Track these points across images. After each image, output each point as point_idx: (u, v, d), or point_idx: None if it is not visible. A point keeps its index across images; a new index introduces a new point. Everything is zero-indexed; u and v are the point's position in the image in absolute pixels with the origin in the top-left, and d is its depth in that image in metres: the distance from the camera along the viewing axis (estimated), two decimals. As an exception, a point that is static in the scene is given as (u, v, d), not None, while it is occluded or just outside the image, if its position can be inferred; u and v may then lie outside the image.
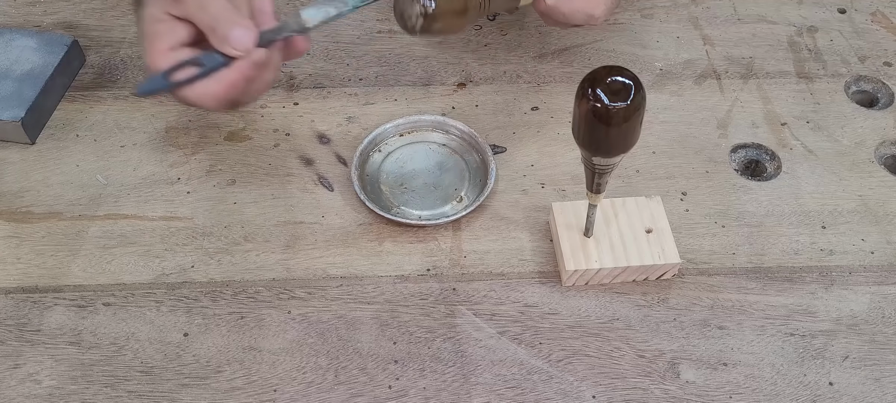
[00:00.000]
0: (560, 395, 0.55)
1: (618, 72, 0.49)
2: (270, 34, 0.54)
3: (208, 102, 0.54)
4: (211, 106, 0.54)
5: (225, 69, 0.53)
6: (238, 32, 0.52)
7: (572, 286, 0.60)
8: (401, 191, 0.66)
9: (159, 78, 0.53)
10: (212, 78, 0.53)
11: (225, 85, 0.53)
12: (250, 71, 0.53)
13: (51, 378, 0.56)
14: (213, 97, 0.53)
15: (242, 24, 0.53)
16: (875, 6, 0.82)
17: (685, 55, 0.77)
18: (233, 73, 0.53)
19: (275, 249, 0.63)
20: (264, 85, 0.56)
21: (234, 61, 0.53)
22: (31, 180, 0.67)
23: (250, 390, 0.55)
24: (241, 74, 0.53)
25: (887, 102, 0.73)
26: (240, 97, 0.55)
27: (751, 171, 0.69)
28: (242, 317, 0.59)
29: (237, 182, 0.67)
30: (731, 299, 0.60)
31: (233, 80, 0.53)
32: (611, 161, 0.53)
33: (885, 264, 0.62)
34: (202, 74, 0.53)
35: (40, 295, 0.60)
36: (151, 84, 0.53)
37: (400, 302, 0.60)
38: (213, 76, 0.53)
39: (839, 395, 0.55)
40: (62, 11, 0.81)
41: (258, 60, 0.53)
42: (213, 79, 0.53)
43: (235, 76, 0.53)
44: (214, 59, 0.53)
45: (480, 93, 0.74)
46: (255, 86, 0.55)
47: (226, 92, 0.53)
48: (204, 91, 0.53)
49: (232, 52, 0.52)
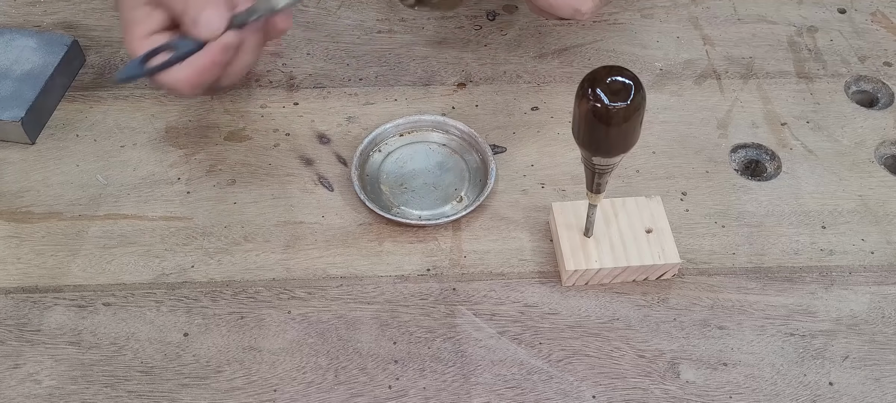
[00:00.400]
0: (560, 395, 0.55)
1: (618, 73, 0.49)
2: (242, 16, 0.54)
3: (182, 87, 0.53)
4: (185, 91, 0.54)
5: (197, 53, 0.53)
6: (207, 14, 0.52)
7: (572, 286, 0.60)
8: (401, 191, 0.66)
9: (136, 64, 0.53)
10: (184, 63, 0.53)
11: (196, 69, 0.53)
12: (221, 55, 0.53)
13: (51, 378, 0.56)
14: (185, 82, 0.53)
15: (213, 6, 0.52)
16: (875, 6, 0.82)
17: (685, 55, 0.77)
18: (204, 58, 0.53)
19: (275, 249, 0.63)
20: (241, 68, 0.55)
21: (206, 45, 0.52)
22: (31, 180, 0.67)
23: (250, 390, 0.55)
24: (211, 58, 0.53)
25: (887, 102, 0.73)
26: (214, 81, 0.54)
27: (751, 171, 0.69)
28: (242, 317, 0.59)
29: (237, 182, 0.67)
30: (731, 299, 0.60)
31: (204, 65, 0.53)
32: (611, 161, 0.53)
33: (885, 264, 0.62)
34: (175, 59, 0.52)
35: (40, 295, 0.60)
36: (128, 70, 0.53)
37: (400, 302, 0.60)
38: (187, 61, 0.53)
39: (839, 395, 0.55)
40: (62, 11, 0.81)
41: (229, 43, 0.53)
42: (185, 64, 0.53)
43: (206, 60, 0.53)
44: (187, 43, 0.52)
45: (480, 93, 0.74)
46: (232, 70, 0.55)
47: (198, 76, 0.53)
48: (177, 76, 0.53)
49: (202, 35, 0.52)
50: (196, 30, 0.52)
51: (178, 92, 0.55)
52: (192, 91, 0.54)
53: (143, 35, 0.54)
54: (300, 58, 0.77)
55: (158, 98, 0.73)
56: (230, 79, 0.56)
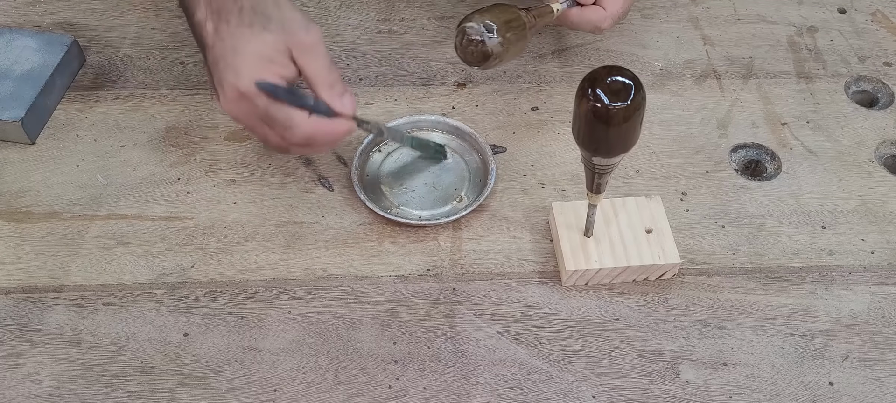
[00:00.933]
0: (560, 395, 0.55)
1: (618, 72, 0.49)
2: (361, 120, 0.59)
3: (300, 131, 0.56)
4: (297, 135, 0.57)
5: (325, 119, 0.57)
6: (350, 98, 0.58)
7: (572, 286, 0.60)
8: (401, 191, 0.66)
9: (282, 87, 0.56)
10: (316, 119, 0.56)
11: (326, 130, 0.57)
12: (346, 132, 0.58)
13: (51, 378, 0.56)
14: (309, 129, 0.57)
15: (351, 93, 0.58)
16: (875, 6, 0.82)
17: (685, 55, 0.77)
18: (337, 127, 0.57)
19: (275, 249, 0.63)
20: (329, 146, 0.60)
21: (337, 118, 0.57)
22: (31, 180, 0.67)
23: (250, 390, 0.55)
24: (343, 129, 0.57)
25: (887, 102, 0.73)
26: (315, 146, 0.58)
27: (751, 171, 0.69)
28: (242, 317, 0.59)
29: (237, 182, 0.67)
30: (731, 299, 0.60)
31: (332, 130, 0.57)
32: (611, 161, 0.53)
33: (885, 264, 0.62)
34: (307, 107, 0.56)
35: (40, 295, 0.60)
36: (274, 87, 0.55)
37: (400, 302, 0.60)
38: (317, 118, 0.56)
39: (839, 395, 0.55)
40: (62, 11, 0.81)
41: (352, 128, 0.58)
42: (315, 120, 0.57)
43: (339, 129, 0.57)
44: (322, 105, 0.57)
45: (480, 93, 0.74)
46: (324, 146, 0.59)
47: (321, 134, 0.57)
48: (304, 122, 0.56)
49: (342, 110, 0.57)
50: (339, 104, 0.57)
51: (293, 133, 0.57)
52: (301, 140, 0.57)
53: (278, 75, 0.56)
54: (300, 58, 0.77)
55: (158, 98, 0.73)
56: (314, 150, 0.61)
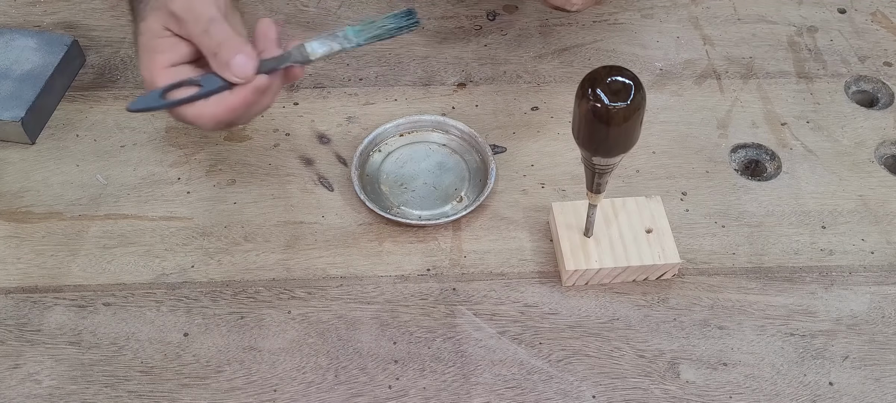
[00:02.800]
0: (560, 395, 0.55)
1: (618, 72, 0.49)
2: (272, 62, 0.55)
3: (205, 123, 0.54)
4: (208, 126, 0.55)
5: (226, 92, 0.53)
6: (240, 60, 0.52)
7: (572, 286, 0.60)
8: (401, 191, 0.66)
9: (155, 95, 0.53)
10: (211, 100, 0.53)
11: (224, 108, 0.53)
12: (251, 96, 0.53)
13: (51, 378, 0.56)
14: (211, 118, 0.54)
15: (245, 51, 0.53)
16: (875, 6, 0.82)
17: (685, 55, 0.77)
18: (233, 98, 0.53)
19: (275, 249, 0.63)
20: (261, 108, 0.56)
21: (236, 87, 0.53)
22: (31, 180, 0.67)
23: (250, 390, 0.55)
24: (241, 99, 0.53)
25: (887, 102, 0.73)
26: (237, 119, 0.55)
27: (751, 171, 0.69)
28: (242, 317, 0.59)
29: (237, 182, 0.67)
30: (731, 299, 0.60)
31: (233, 105, 0.53)
32: (611, 161, 0.53)
33: (885, 264, 0.62)
34: (201, 95, 0.53)
35: (40, 295, 0.60)
36: (146, 101, 0.53)
37: (400, 302, 0.60)
38: (213, 98, 0.53)
39: (839, 395, 0.55)
40: (62, 11, 0.81)
41: (259, 86, 0.53)
42: (212, 101, 0.53)
43: (236, 100, 0.53)
44: (214, 81, 0.53)
45: (480, 93, 0.74)
46: (253, 110, 0.55)
47: (225, 115, 0.54)
48: (201, 112, 0.53)
49: (233, 79, 0.53)
50: (228, 72, 0.53)
51: (200, 126, 0.55)
52: (214, 127, 0.55)
53: (165, 65, 0.53)
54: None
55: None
56: (248, 118, 0.57)
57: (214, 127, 0.55)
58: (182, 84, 0.53)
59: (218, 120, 0.54)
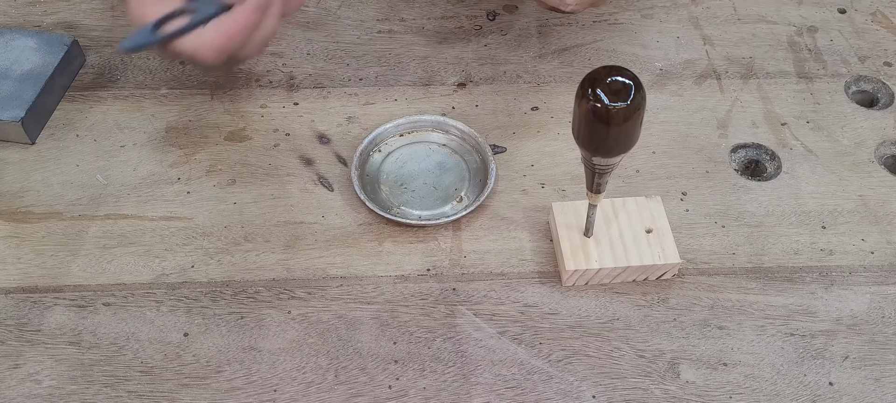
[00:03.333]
0: (560, 395, 0.55)
1: (618, 72, 0.49)
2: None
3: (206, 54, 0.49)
4: (209, 58, 0.49)
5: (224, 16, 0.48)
6: None
7: (572, 286, 0.60)
8: (401, 191, 0.66)
9: (147, 30, 0.48)
10: (208, 27, 0.48)
11: (225, 32, 0.49)
12: (253, 16, 0.48)
13: (51, 378, 0.56)
14: (211, 47, 0.49)
15: None
16: (875, 6, 0.82)
17: (685, 55, 0.77)
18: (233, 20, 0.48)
19: (275, 249, 0.63)
20: (264, 36, 0.51)
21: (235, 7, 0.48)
22: (31, 180, 0.67)
23: (250, 390, 0.55)
24: (242, 20, 0.48)
25: (887, 102, 0.73)
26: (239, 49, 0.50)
27: (751, 171, 0.69)
28: (242, 317, 0.59)
29: (237, 182, 0.67)
30: (731, 299, 0.60)
31: (233, 29, 0.49)
32: (611, 161, 0.53)
33: (885, 264, 0.62)
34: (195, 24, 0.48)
35: (40, 295, 0.60)
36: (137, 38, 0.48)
37: (400, 302, 0.60)
38: (210, 25, 0.48)
39: (839, 395, 0.55)
40: (62, 11, 0.81)
41: (260, 3, 0.49)
42: (210, 28, 0.48)
43: (236, 23, 0.48)
44: (208, 6, 0.48)
45: (480, 93, 0.74)
46: (256, 37, 0.51)
47: (226, 40, 0.49)
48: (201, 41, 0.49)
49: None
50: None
51: (201, 59, 0.49)
52: (217, 57, 0.49)
53: None
54: (300, 58, 0.77)
55: (158, 98, 0.73)
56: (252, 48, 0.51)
57: (216, 58, 0.50)
58: (174, 14, 0.49)
59: (219, 48, 0.49)
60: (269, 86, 0.74)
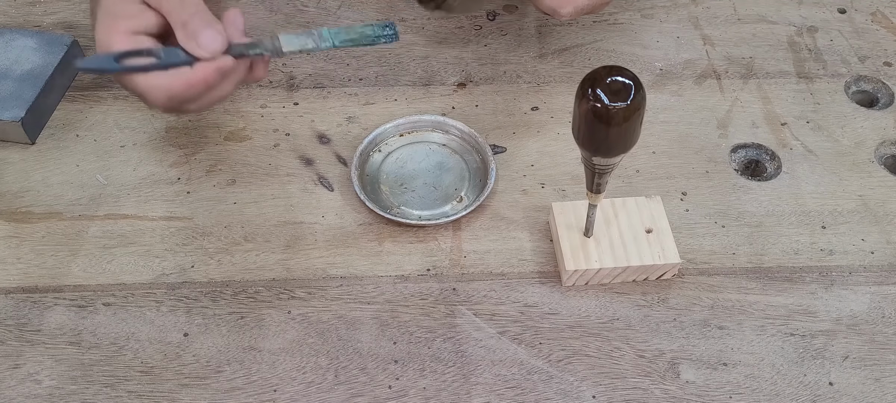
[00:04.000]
0: (560, 395, 0.55)
1: (618, 72, 0.49)
2: (242, 48, 0.53)
3: (157, 96, 0.51)
4: (158, 100, 0.52)
5: (186, 68, 0.51)
6: (210, 34, 0.51)
7: (572, 286, 0.60)
8: (401, 191, 0.66)
9: (109, 58, 0.50)
10: (169, 73, 0.51)
11: (181, 83, 0.51)
12: (213, 76, 0.51)
13: (51, 378, 0.56)
14: (164, 91, 0.51)
15: (216, 27, 0.51)
16: (875, 6, 0.82)
17: (685, 55, 0.77)
18: (193, 74, 0.51)
19: (275, 249, 0.63)
20: (217, 97, 0.54)
21: (198, 63, 0.51)
22: (31, 180, 0.67)
23: (250, 390, 0.55)
24: (202, 77, 0.51)
25: (887, 102, 0.73)
26: (191, 101, 0.52)
27: (751, 171, 0.69)
28: (242, 317, 0.59)
29: (237, 182, 0.67)
30: (731, 299, 0.60)
31: (191, 81, 0.51)
32: (611, 161, 0.53)
33: (885, 264, 0.62)
34: (158, 66, 0.51)
35: (40, 295, 0.60)
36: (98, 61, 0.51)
37: (400, 302, 0.60)
38: (172, 71, 0.51)
39: (839, 395, 0.55)
40: (62, 11, 0.81)
41: (224, 67, 0.52)
42: (169, 74, 0.51)
43: (196, 77, 0.51)
44: (176, 55, 0.51)
45: (480, 93, 0.74)
46: (210, 95, 0.53)
47: (181, 90, 0.51)
48: (156, 82, 0.51)
49: (199, 53, 0.51)
50: (195, 45, 0.51)
51: (151, 99, 0.52)
52: (165, 103, 0.52)
53: (127, 31, 0.51)
54: (300, 58, 0.77)
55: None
56: (201, 104, 0.54)
57: (165, 102, 0.52)
58: (140, 52, 0.51)
59: (171, 94, 0.51)
60: (269, 87, 0.74)
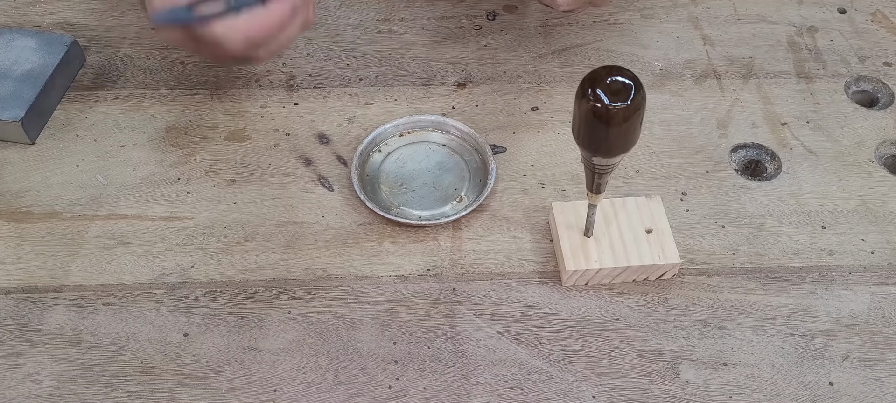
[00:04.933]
0: (560, 395, 0.55)
1: (618, 72, 0.49)
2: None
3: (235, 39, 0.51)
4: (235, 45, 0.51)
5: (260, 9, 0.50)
6: None
7: (572, 286, 0.60)
8: (401, 191, 0.66)
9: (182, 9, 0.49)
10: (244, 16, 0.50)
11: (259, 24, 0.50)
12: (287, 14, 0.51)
13: (51, 378, 0.56)
14: (242, 33, 0.50)
15: None
16: (875, 6, 0.82)
17: (685, 55, 0.77)
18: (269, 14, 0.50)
19: (275, 249, 0.63)
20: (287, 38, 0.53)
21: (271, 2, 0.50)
22: (31, 180, 0.67)
23: (250, 390, 0.55)
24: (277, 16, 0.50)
25: (887, 102, 0.73)
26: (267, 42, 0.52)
27: (751, 171, 0.69)
28: (242, 317, 0.59)
29: (237, 182, 0.67)
30: (731, 299, 0.60)
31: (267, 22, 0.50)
32: (611, 161, 0.53)
33: (885, 264, 0.62)
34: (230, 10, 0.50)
35: (40, 295, 0.60)
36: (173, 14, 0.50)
37: (400, 302, 0.60)
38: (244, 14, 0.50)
39: (839, 395, 0.55)
40: (62, 11, 0.81)
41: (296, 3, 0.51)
42: (245, 17, 0.50)
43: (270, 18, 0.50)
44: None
45: (480, 93, 0.74)
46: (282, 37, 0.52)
47: (257, 32, 0.51)
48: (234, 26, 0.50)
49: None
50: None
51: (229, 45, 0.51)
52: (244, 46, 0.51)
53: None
54: (300, 58, 0.77)
55: (158, 98, 0.73)
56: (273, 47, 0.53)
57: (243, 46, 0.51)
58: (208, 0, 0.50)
59: (249, 37, 0.51)
60: (269, 86, 0.74)
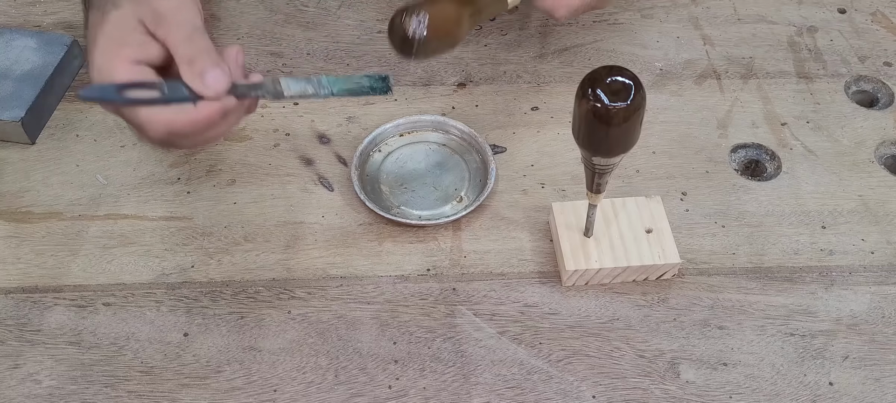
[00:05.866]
0: (560, 395, 0.55)
1: (618, 72, 0.49)
2: (244, 89, 0.52)
3: (156, 129, 0.51)
4: (156, 134, 0.51)
5: (188, 105, 0.50)
6: (216, 74, 0.50)
7: (572, 286, 0.60)
8: (401, 191, 0.66)
9: (111, 88, 0.50)
10: (171, 108, 0.50)
11: (184, 119, 0.50)
12: (217, 115, 0.51)
13: (51, 378, 0.56)
14: (165, 125, 0.50)
15: (222, 67, 0.50)
16: (875, 6, 0.82)
17: (685, 55, 0.77)
18: (196, 112, 0.50)
19: (275, 249, 0.63)
20: (214, 135, 0.53)
21: (202, 101, 0.50)
22: (31, 180, 0.67)
23: (250, 390, 0.55)
24: (207, 115, 0.50)
25: (887, 102, 0.73)
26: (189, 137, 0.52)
27: (751, 171, 0.69)
28: (242, 317, 0.59)
29: (237, 182, 0.67)
30: (731, 299, 0.60)
31: (194, 119, 0.50)
32: (611, 161, 0.53)
33: (885, 264, 0.62)
34: (161, 101, 0.50)
35: (40, 295, 0.60)
36: (100, 91, 0.50)
37: (400, 302, 0.60)
38: (173, 107, 0.50)
39: (839, 395, 0.55)
40: (62, 11, 0.81)
41: (227, 107, 0.51)
42: (172, 110, 0.50)
43: (199, 116, 0.50)
44: (180, 91, 0.50)
45: (480, 93, 0.74)
46: (209, 133, 0.52)
47: (182, 126, 0.50)
48: (156, 116, 0.50)
49: (204, 92, 0.50)
50: (201, 83, 0.50)
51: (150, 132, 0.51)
52: (163, 137, 0.51)
53: (130, 60, 0.50)
54: (300, 58, 0.77)
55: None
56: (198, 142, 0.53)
57: (163, 137, 0.51)
58: (143, 85, 0.50)
59: (172, 130, 0.51)
60: (269, 86, 0.74)
